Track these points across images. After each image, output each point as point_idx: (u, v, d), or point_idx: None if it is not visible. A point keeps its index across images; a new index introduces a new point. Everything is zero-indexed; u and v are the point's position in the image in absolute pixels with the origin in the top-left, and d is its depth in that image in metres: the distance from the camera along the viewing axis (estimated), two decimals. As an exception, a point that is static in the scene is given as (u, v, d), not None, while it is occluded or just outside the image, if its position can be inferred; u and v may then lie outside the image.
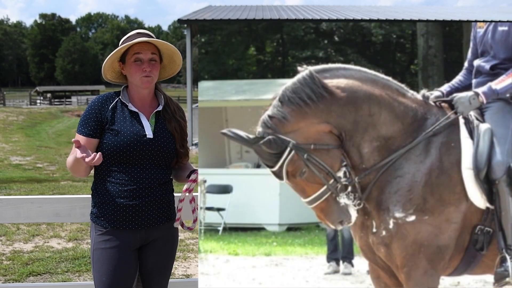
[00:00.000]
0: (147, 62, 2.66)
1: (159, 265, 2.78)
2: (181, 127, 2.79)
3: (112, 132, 2.64)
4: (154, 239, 2.74)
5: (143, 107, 2.74)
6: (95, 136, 2.66)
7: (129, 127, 2.65)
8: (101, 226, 2.67)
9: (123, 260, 2.64)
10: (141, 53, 2.65)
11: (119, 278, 2.63)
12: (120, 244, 2.64)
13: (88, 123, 2.66)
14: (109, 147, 2.63)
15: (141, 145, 2.63)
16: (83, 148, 2.49)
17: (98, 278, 2.66)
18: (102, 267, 2.64)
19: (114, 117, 2.67)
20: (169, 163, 2.79)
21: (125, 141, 2.62)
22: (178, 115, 2.82)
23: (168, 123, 2.75)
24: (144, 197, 2.65)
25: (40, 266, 5.36)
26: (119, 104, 2.71)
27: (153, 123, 2.73)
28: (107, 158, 2.63)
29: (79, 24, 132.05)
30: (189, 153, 2.90)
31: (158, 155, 2.69)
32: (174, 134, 2.75)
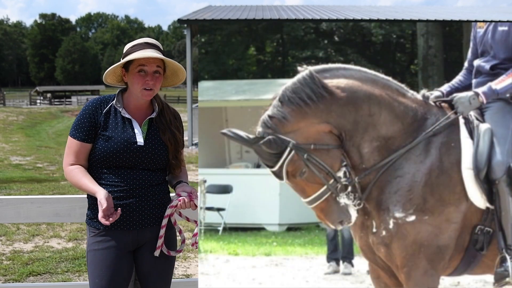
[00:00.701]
0: (151, 75, 2.63)
1: (157, 268, 2.74)
2: (176, 139, 2.75)
3: (104, 138, 2.61)
4: (149, 241, 2.69)
5: (137, 114, 2.70)
6: (89, 141, 2.64)
7: (121, 133, 2.63)
8: (95, 227, 2.65)
9: (116, 261, 2.61)
10: (146, 65, 2.62)
11: (112, 280, 2.61)
12: (113, 244, 2.62)
13: (82, 127, 2.64)
14: (100, 152, 2.61)
15: (131, 152, 2.61)
16: (109, 205, 2.49)
17: (92, 280, 2.64)
18: (95, 268, 2.62)
19: (106, 122, 2.64)
20: (163, 168, 2.75)
21: (115, 147, 2.60)
22: (173, 125, 2.77)
23: (162, 134, 2.71)
24: (136, 197, 2.62)
25: (40, 266, 5.36)
26: (112, 109, 2.68)
27: (145, 130, 2.70)
28: (98, 162, 2.63)
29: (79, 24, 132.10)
30: (184, 161, 2.86)
31: (149, 162, 2.66)
32: (167, 144, 2.71)
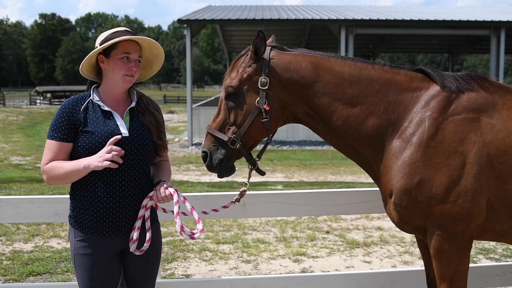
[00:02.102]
0: (134, 62, 2.64)
1: (144, 270, 2.72)
2: (156, 119, 2.74)
3: (86, 134, 2.57)
4: (139, 242, 2.63)
5: (116, 106, 2.68)
6: (69, 140, 2.58)
7: (103, 127, 2.59)
8: (80, 231, 2.60)
9: (106, 265, 2.60)
10: (131, 53, 2.62)
11: (103, 283, 2.60)
12: (101, 250, 2.59)
13: (60, 127, 2.57)
14: (84, 149, 2.55)
15: (118, 145, 2.54)
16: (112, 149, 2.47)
17: (82, 283, 2.62)
18: (85, 272, 2.60)
19: (86, 118, 2.59)
20: (148, 162, 2.72)
21: (99, 141, 2.55)
22: (151, 106, 2.77)
23: (142, 117, 2.70)
24: (123, 202, 2.59)
25: (40, 266, 5.36)
26: (90, 104, 2.64)
27: (127, 120, 2.67)
28: None
29: (79, 24, 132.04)
30: (167, 156, 2.86)
31: (136, 153, 2.62)
32: (149, 127, 2.70)
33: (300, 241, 6.40)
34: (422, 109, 2.77)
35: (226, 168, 2.91)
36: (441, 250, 2.69)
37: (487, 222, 2.70)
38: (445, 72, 2.94)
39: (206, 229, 6.83)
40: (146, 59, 2.80)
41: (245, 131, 2.83)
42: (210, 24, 28.88)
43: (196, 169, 14.56)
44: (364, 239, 6.52)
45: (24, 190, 9.79)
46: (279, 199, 3.47)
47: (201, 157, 2.94)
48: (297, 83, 2.84)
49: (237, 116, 2.85)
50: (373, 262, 5.70)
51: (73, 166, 2.51)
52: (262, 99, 2.81)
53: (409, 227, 2.82)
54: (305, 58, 2.89)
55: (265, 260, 5.71)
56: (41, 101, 51.91)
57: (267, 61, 2.84)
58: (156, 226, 2.81)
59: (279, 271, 5.40)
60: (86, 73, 2.74)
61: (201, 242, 6.32)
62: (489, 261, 5.71)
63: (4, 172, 13.02)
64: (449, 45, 34.93)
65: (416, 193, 2.66)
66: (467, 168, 2.63)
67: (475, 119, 2.72)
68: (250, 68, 2.85)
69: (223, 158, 2.87)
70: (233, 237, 6.52)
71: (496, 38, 21.04)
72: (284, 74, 2.84)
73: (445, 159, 2.65)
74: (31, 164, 14.60)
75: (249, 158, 2.92)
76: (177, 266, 5.49)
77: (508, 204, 2.67)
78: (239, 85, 2.85)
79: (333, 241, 6.43)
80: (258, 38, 2.80)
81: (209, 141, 2.90)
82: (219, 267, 5.49)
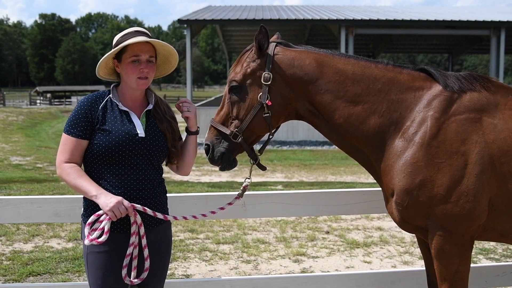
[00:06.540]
0: (145, 63, 2.63)
1: (155, 267, 2.74)
2: (172, 127, 2.77)
3: (104, 132, 2.57)
4: (149, 242, 2.67)
5: (134, 106, 2.70)
6: (85, 137, 2.59)
7: (120, 126, 2.60)
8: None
9: (119, 264, 2.60)
10: (140, 55, 2.62)
11: (115, 281, 2.61)
12: (115, 247, 2.60)
13: (78, 123, 2.58)
14: (101, 147, 2.56)
15: (133, 144, 2.58)
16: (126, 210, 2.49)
17: (93, 281, 2.63)
18: (97, 270, 2.61)
19: (105, 116, 2.61)
20: (161, 163, 2.76)
21: (116, 140, 2.56)
22: (168, 115, 2.79)
23: (159, 123, 2.73)
24: (137, 200, 2.61)
25: (40, 266, 5.36)
26: (109, 103, 2.66)
27: (144, 122, 2.69)
28: (98, 159, 2.58)
29: (79, 24, 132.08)
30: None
31: (150, 154, 2.65)
32: (165, 134, 2.73)
33: (300, 241, 6.39)
34: (424, 108, 2.76)
35: (228, 162, 2.93)
36: (442, 250, 2.69)
37: (489, 222, 2.70)
38: (448, 72, 2.94)
39: (206, 229, 6.83)
40: (162, 56, 2.80)
41: (247, 125, 2.85)
42: (210, 24, 28.88)
43: (196, 169, 14.55)
44: (364, 239, 6.51)
45: (24, 190, 9.79)
46: (279, 199, 3.47)
47: (204, 149, 2.96)
48: (300, 79, 2.85)
49: (239, 110, 2.87)
50: (373, 262, 5.70)
51: (84, 186, 2.52)
52: (264, 94, 2.82)
53: (410, 226, 2.82)
54: (309, 55, 2.89)
55: (265, 260, 5.71)
56: (41, 101, 51.94)
57: (271, 57, 2.85)
58: (168, 223, 2.82)
59: (279, 271, 5.39)
60: (106, 76, 2.77)
61: (201, 242, 6.31)
62: (489, 261, 5.70)
63: (4, 172, 13.02)
64: (449, 45, 34.96)
65: (418, 193, 2.66)
66: (469, 168, 2.63)
67: (477, 119, 2.72)
68: (254, 63, 2.87)
69: (225, 152, 2.89)
70: (233, 237, 6.51)
71: (496, 38, 21.05)
72: (288, 70, 2.85)
73: (447, 159, 2.64)
74: (31, 164, 14.60)
75: (250, 152, 2.94)
76: (177, 266, 5.48)
77: (509, 204, 2.67)
78: (242, 79, 2.87)
79: (333, 241, 6.43)
80: (261, 33, 2.81)
81: (212, 134, 2.92)
82: (219, 267, 5.49)
